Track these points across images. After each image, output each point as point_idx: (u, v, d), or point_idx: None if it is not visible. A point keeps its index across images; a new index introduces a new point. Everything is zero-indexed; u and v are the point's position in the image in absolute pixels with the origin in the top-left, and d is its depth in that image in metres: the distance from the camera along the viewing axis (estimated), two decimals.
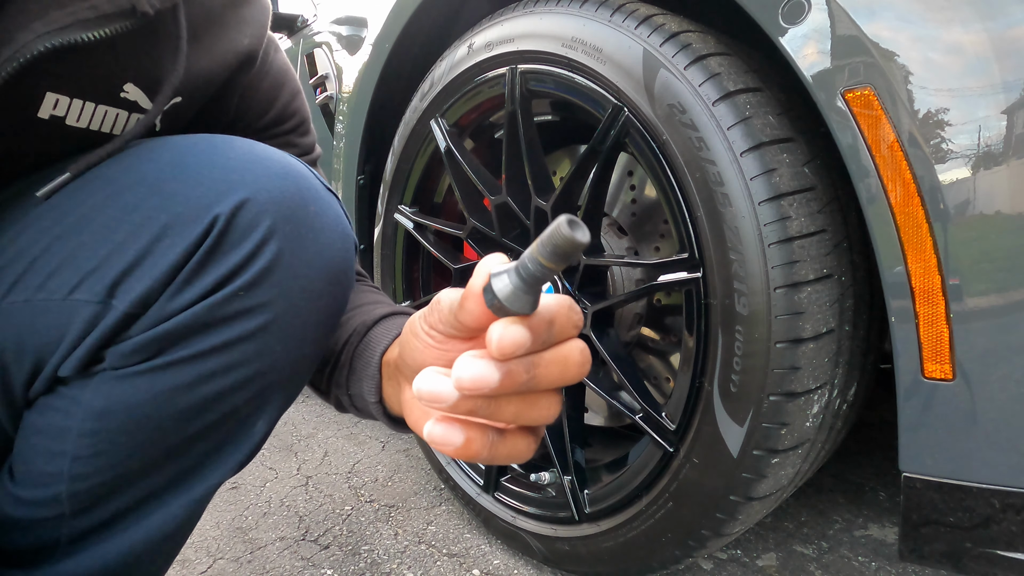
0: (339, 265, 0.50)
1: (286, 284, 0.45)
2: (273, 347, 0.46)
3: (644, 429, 0.81)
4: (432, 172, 1.13)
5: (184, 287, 0.43)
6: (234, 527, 1.11)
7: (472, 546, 1.05)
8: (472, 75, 0.97)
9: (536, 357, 0.30)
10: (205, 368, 0.45)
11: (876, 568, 0.99)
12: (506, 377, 0.29)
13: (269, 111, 0.65)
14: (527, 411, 0.32)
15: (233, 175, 0.45)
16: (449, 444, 0.31)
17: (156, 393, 0.44)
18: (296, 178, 0.47)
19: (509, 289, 0.28)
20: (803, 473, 0.77)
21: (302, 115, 0.69)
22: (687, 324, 0.75)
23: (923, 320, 0.58)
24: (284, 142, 0.67)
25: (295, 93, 0.68)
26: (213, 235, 0.43)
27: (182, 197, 0.43)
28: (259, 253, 0.44)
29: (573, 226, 0.25)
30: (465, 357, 0.29)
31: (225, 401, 0.46)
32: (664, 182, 0.74)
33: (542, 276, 0.27)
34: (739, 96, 0.68)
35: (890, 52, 0.57)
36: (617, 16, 0.77)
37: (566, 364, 0.30)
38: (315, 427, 1.57)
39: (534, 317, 0.28)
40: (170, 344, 0.44)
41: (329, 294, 0.49)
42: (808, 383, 0.67)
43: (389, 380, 0.50)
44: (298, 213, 0.46)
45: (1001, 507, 0.58)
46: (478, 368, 0.28)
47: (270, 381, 0.48)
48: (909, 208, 0.57)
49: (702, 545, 0.78)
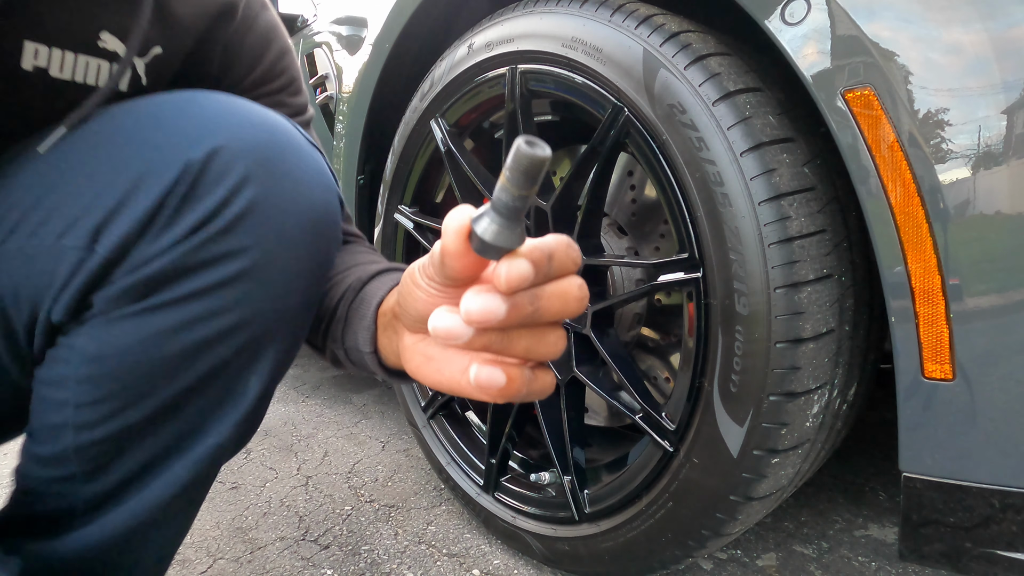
0: (320, 215, 0.50)
1: (263, 230, 0.46)
2: (254, 294, 0.47)
3: (644, 429, 0.81)
4: (432, 172, 1.13)
5: (161, 233, 0.44)
6: (234, 527, 1.11)
7: (472, 546, 1.05)
8: (472, 75, 0.97)
9: (539, 289, 0.31)
10: (188, 313, 0.46)
11: (876, 568, 0.99)
12: (512, 309, 0.30)
13: (256, 68, 0.65)
14: (537, 345, 0.34)
15: (208, 124, 0.46)
16: (494, 384, 0.33)
17: (143, 338, 0.46)
18: (273, 128, 0.48)
19: (493, 228, 0.28)
20: (803, 473, 0.77)
21: (291, 74, 0.69)
22: (687, 324, 0.75)
23: (923, 320, 0.58)
24: (274, 101, 0.67)
25: (283, 51, 0.67)
26: (186, 181, 0.44)
27: (157, 145, 0.45)
28: (233, 199, 0.45)
29: (531, 145, 0.25)
30: (471, 292, 0.30)
31: (213, 352, 0.48)
32: (664, 182, 0.74)
33: (519, 205, 0.28)
34: (739, 96, 0.68)
35: (890, 52, 0.57)
36: (617, 16, 0.77)
37: (566, 297, 0.32)
38: (315, 427, 1.57)
39: (534, 251, 0.30)
40: (152, 288, 0.45)
41: (310, 243, 0.50)
42: (808, 383, 0.67)
43: (384, 330, 0.50)
44: (274, 161, 0.47)
45: (1001, 507, 0.58)
46: (485, 300, 0.30)
47: (256, 332, 0.49)
48: (909, 208, 0.57)
49: (702, 545, 0.78)
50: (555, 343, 0.34)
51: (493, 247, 0.29)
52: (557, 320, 0.34)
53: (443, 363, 0.39)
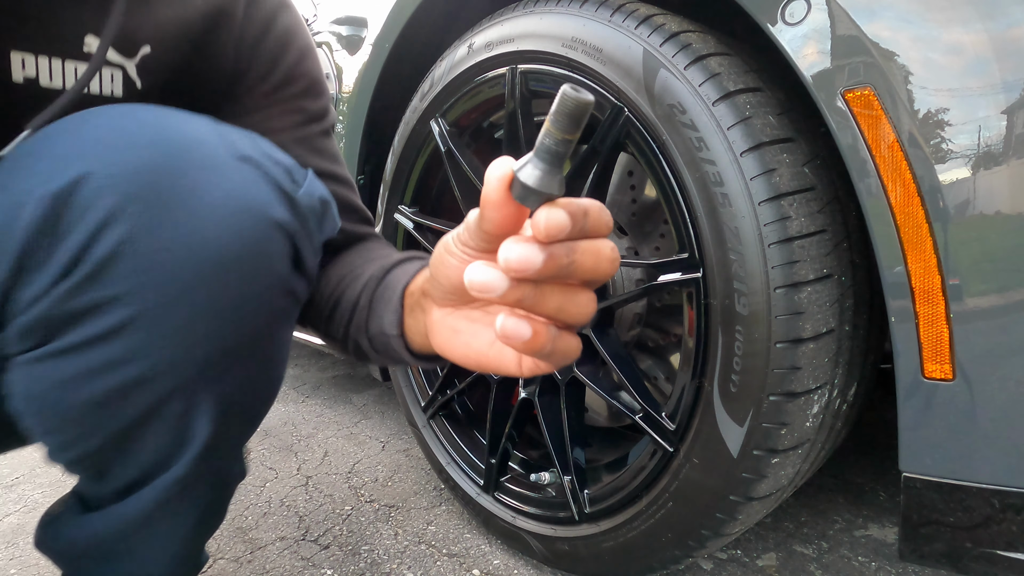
0: (227, 248, 0.43)
1: (141, 276, 0.40)
2: (152, 345, 0.42)
3: (644, 429, 0.81)
4: (432, 172, 1.13)
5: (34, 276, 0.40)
6: (234, 527, 1.11)
7: (472, 546, 1.05)
8: (472, 75, 0.97)
9: (574, 244, 0.32)
10: (89, 361, 0.42)
11: (876, 568, 0.99)
12: (549, 259, 0.31)
13: (274, 71, 0.62)
14: (568, 304, 0.34)
15: (80, 147, 0.40)
16: (520, 335, 0.33)
17: (57, 382, 0.43)
18: (166, 147, 0.41)
19: (537, 174, 0.30)
20: (803, 473, 0.77)
21: (311, 77, 0.65)
22: (687, 324, 0.75)
23: (923, 320, 0.58)
24: (294, 107, 0.64)
25: (304, 53, 0.65)
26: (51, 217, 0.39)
27: (28, 173, 0.40)
28: (97, 240, 0.39)
29: (576, 90, 0.27)
30: (509, 241, 0.31)
31: (133, 399, 0.44)
32: (664, 182, 0.74)
33: (563, 150, 0.29)
34: (739, 96, 0.68)
35: (890, 52, 0.57)
36: (617, 16, 0.77)
37: (599, 255, 0.32)
38: (315, 427, 1.57)
39: (571, 204, 0.30)
40: (47, 333, 0.42)
41: (218, 282, 0.43)
42: (808, 383, 0.67)
43: (412, 311, 0.50)
44: (159, 189, 0.40)
45: (1001, 507, 0.58)
46: (523, 249, 0.30)
47: (174, 383, 0.44)
48: (909, 208, 0.57)
49: (702, 545, 0.78)
50: (586, 304, 0.35)
51: (535, 192, 0.30)
52: (590, 279, 0.34)
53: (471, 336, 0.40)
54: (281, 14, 0.63)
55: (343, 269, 0.62)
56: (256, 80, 0.62)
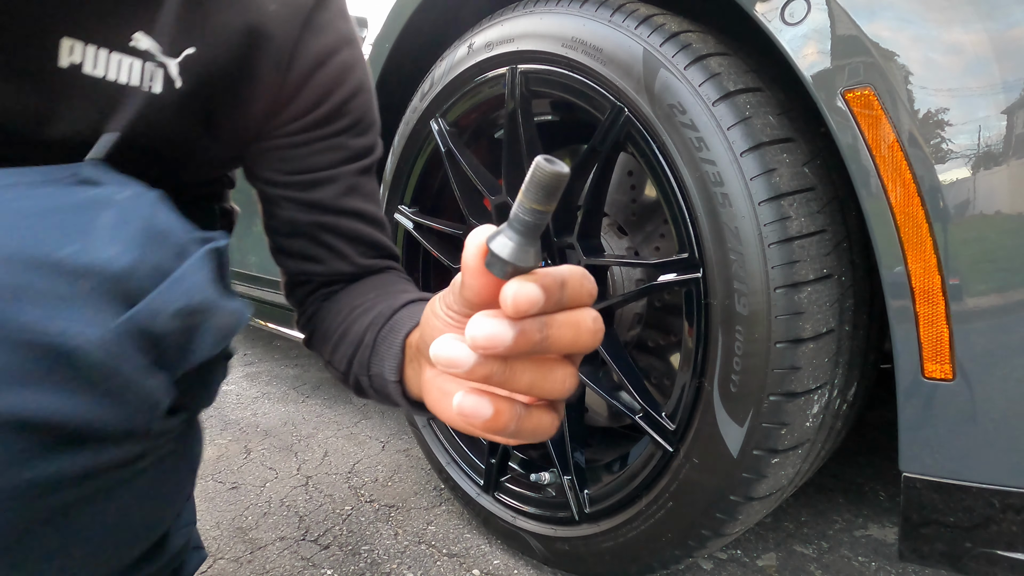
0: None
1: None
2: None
3: (644, 429, 0.81)
4: (432, 172, 1.13)
5: None
6: (234, 527, 1.11)
7: (472, 546, 1.05)
8: (472, 75, 0.97)
9: (549, 318, 0.30)
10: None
11: (876, 568, 0.99)
12: (520, 336, 0.29)
13: (320, 105, 0.60)
14: (542, 381, 0.32)
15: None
16: (479, 415, 0.31)
17: None
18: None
19: (510, 246, 0.28)
20: (803, 473, 0.77)
21: (357, 115, 0.63)
22: (687, 324, 0.75)
23: (923, 320, 0.58)
24: (333, 144, 0.62)
25: (356, 91, 0.62)
26: None
27: None
28: None
29: (550, 162, 0.26)
30: (478, 316, 0.29)
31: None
32: (664, 182, 0.74)
33: (537, 221, 0.28)
34: (739, 96, 0.68)
35: (890, 52, 0.57)
36: (617, 16, 0.77)
37: (578, 328, 0.30)
38: (315, 427, 1.57)
39: (546, 277, 0.29)
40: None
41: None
42: (808, 383, 0.67)
43: (411, 362, 0.49)
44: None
45: (1001, 507, 0.58)
46: (492, 325, 0.29)
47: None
48: (909, 208, 0.57)
49: (702, 545, 0.78)
50: (563, 380, 0.32)
51: (507, 264, 0.28)
52: (568, 353, 0.32)
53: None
54: (343, 50, 0.61)
55: (355, 300, 0.61)
56: (300, 111, 0.60)
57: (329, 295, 0.66)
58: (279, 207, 0.63)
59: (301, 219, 0.63)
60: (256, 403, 1.76)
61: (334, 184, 0.63)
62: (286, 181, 0.62)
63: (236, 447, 1.46)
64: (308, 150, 0.62)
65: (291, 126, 0.61)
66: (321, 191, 0.62)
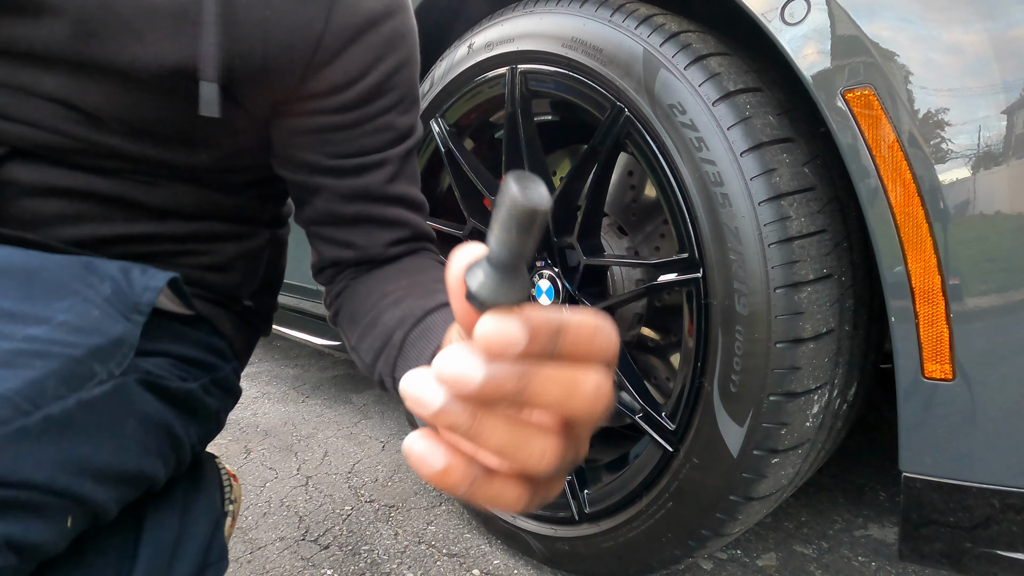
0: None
1: None
2: None
3: (644, 429, 0.81)
4: (432, 172, 1.13)
5: None
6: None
7: (472, 546, 1.05)
8: (472, 75, 0.97)
9: (533, 367, 0.23)
10: None
11: (876, 568, 0.99)
12: (491, 379, 0.23)
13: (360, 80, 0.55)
14: (515, 446, 0.25)
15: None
16: (427, 465, 0.26)
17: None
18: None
19: (484, 282, 0.23)
20: (803, 473, 0.77)
21: (403, 90, 0.58)
22: (687, 324, 0.75)
23: (923, 320, 0.58)
24: (381, 124, 0.57)
25: (403, 63, 0.57)
26: None
27: None
28: None
29: (526, 191, 0.20)
30: (453, 347, 0.24)
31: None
32: (664, 182, 0.74)
33: (514, 256, 0.22)
34: (739, 96, 0.68)
35: (890, 52, 0.57)
36: (617, 16, 0.77)
37: (572, 389, 0.24)
38: (315, 427, 1.57)
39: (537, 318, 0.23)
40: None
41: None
42: (808, 383, 0.67)
43: None
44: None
45: (1001, 507, 0.58)
46: (461, 361, 0.23)
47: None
48: (909, 208, 0.57)
49: (702, 545, 0.78)
50: (541, 452, 0.25)
51: (487, 302, 0.23)
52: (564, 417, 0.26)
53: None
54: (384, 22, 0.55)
55: (386, 284, 0.57)
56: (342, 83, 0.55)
57: (359, 274, 0.62)
58: (318, 196, 0.59)
59: (343, 210, 0.59)
60: (256, 403, 1.76)
61: (383, 169, 0.58)
62: (331, 166, 0.57)
63: (236, 447, 1.46)
64: (359, 131, 0.57)
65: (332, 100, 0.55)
66: (369, 176, 0.58)
